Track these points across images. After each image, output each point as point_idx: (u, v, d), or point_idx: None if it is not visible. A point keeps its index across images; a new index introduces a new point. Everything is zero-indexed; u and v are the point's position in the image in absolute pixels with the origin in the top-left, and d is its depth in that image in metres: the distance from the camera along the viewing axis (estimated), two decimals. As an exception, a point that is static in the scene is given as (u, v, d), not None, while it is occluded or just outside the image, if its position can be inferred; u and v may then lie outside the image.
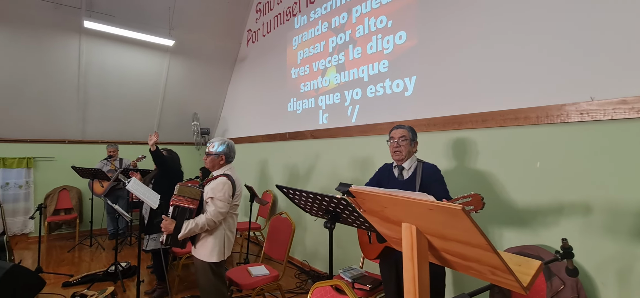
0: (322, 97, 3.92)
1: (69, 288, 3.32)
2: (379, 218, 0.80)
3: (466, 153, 2.44)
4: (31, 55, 4.44)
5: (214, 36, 5.50)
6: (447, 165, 2.53)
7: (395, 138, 1.84)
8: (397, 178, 1.82)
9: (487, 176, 2.28)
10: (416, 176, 1.75)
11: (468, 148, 2.42)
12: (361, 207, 0.81)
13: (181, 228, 2.07)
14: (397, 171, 1.86)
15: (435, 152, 2.61)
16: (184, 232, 2.07)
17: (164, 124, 5.96)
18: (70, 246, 4.71)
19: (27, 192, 4.96)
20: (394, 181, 1.81)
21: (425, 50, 2.80)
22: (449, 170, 2.50)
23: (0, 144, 4.80)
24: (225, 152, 2.32)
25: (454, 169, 2.50)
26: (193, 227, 2.08)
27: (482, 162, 2.33)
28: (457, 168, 2.48)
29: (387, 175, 1.90)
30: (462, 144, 2.47)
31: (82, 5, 4.38)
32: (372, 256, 1.85)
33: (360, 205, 0.81)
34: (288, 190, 1.61)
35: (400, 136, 1.83)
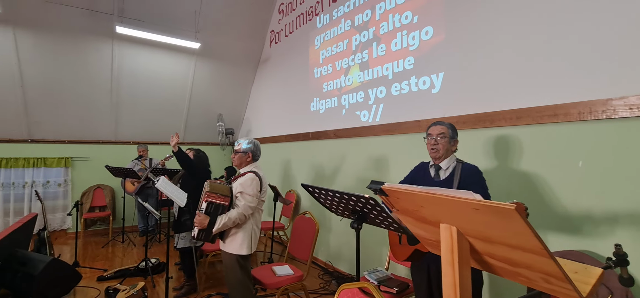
0: (345, 96, 3.88)
1: (103, 282, 3.47)
2: (414, 218, 0.75)
3: (499, 153, 2.31)
4: (69, 61, 4.69)
5: (238, 38, 5.59)
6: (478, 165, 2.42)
7: (433, 135, 1.72)
8: (433, 179, 1.72)
9: (522, 176, 2.16)
10: (454, 177, 1.63)
11: (501, 147, 2.30)
12: (394, 206, 0.77)
13: (215, 224, 2.16)
14: (433, 171, 1.76)
15: (466, 151, 2.49)
16: (218, 226, 2.17)
17: (190, 125, 6.12)
18: (104, 242, 4.94)
19: (66, 190, 5.25)
20: (429, 181, 1.72)
21: (454, 45, 2.69)
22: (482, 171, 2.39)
23: (41, 144, 5.11)
24: (252, 150, 2.43)
25: (485, 170, 2.38)
26: (226, 221, 2.18)
27: (516, 161, 2.20)
28: (490, 168, 2.36)
29: (423, 174, 1.81)
30: (494, 142, 2.35)
31: (114, 11, 4.58)
32: (402, 258, 1.78)
33: (393, 205, 0.77)
34: (313, 189, 1.59)
35: (438, 133, 1.71)
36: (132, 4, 4.62)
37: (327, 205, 1.67)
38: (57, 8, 4.26)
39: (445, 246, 0.65)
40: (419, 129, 2.91)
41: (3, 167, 4.82)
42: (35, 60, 4.49)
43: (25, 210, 4.94)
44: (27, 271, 2.92)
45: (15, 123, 4.81)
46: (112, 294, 2.96)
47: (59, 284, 3.05)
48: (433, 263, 1.72)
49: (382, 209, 1.32)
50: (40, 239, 3.75)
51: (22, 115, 4.80)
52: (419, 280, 1.81)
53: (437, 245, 0.79)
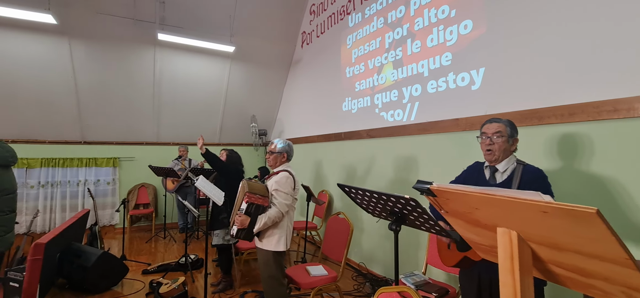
0: (378, 95, 3.80)
1: (147, 275, 3.67)
2: (466, 221, 0.70)
3: (551, 152, 2.14)
4: (116, 68, 5.03)
5: (270, 40, 5.69)
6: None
7: (488, 134, 1.56)
8: (487, 181, 1.58)
9: (581, 177, 1.98)
10: (513, 180, 1.48)
11: (553, 146, 2.13)
12: (443, 208, 0.73)
13: (255, 223, 2.22)
14: (488, 172, 1.61)
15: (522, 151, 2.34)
16: (259, 226, 2.24)
17: (225, 126, 6.33)
18: (147, 237, 5.23)
19: (113, 188, 5.64)
20: (483, 184, 1.59)
21: (496, 37, 2.54)
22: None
23: (92, 146, 5.52)
24: (286, 150, 2.50)
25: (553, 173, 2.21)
26: (266, 220, 2.24)
27: (575, 162, 2.03)
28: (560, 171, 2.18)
29: (477, 176, 1.66)
30: (544, 141, 2.18)
31: (156, 20, 4.84)
32: (450, 263, 1.68)
33: (442, 206, 0.72)
34: (350, 189, 1.55)
35: (494, 132, 1.55)
36: (172, 11, 4.86)
37: (364, 205, 1.63)
38: (106, 19, 4.58)
39: (504, 252, 0.60)
40: (457, 127, 2.78)
41: (60, 167, 5.26)
42: (88, 67, 4.86)
43: (79, 206, 5.36)
44: (81, 263, 3.17)
45: (70, 126, 5.24)
46: (156, 287, 3.11)
47: (109, 276, 3.27)
48: (485, 272, 1.61)
49: (424, 211, 1.26)
50: (92, 233, 4.04)
51: (76, 119, 5.21)
52: (468, 288, 1.71)
53: (491, 251, 0.73)
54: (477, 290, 1.66)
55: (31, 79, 4.65)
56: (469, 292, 1.71)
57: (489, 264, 1.57)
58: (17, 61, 4.49)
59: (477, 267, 1.63)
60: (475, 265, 1.62)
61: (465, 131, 2.70)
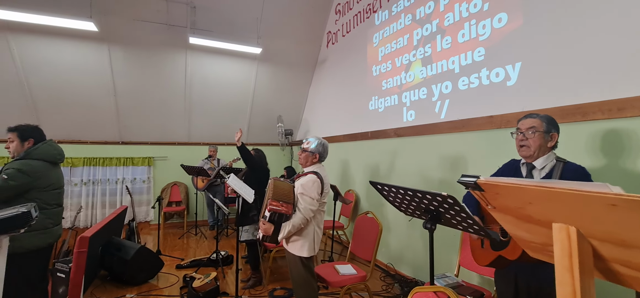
0: (406, 93, 3.74)
1: (180, 270, 3.82)
2: (516, 217, 0.67)
3: (598, 150, 2.01)
4: (150, 71, 5.28)
5: (296, 41, 5.75)
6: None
7: (522, 130, 1.51)
8: (525, 179, 1.51)
9: (628, 175, 1.85)
10: (552, 178, 1.40)
11: (601, 143, 2.00)
12: (490, 203, 0.70)
13: (279, 232, 2.17)
14: (525, 170, 1.55)
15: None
16: (283, 234, 2.17)
17: (252, 127, 6.46)
18: (180, 234, 5.45)
19: (148, 186, 5.91)
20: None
21: (534, 30, 2.42)
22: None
23: (129, 146, 5.82)
24: (319, 151, 2.40)
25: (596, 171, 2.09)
26: (290, 229, 2.17)
27: (616, 159, 1.90)
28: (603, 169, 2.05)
29: (513, 174, 1.60)
30: (589, 138, 2.05)
31: (187, 24, 5.03)
32: (484, 263, 1.63)
33: (489, 201, 0.70)
34: (382, 186, 1.54)
35: (528, 127, 1.49)
36: (202, 16, 5.03)
37: (396, 204, 1.61)
38: (142, 25, 4.82)
39: (561, 250, 0.57)
40: (492, 125, 2.68)
41: (100, 166, 5.59)
42: (125, 72, 5.13)
43: (117, 203, 5.67)
44: (121, 256, 3.35)
45: (109, 127, 5.56)
46: (189, 281, 3.23)
47: (146, 269, 3.43)
48: (522, 273, 1.54)
49: (462, 209, 1.22)
50: (130, 229, 4.27)
51: (114, 121, 5.52)
52: (504, 289, 1.64)
53: (543, 249, 0.70)
54: (515, 291, 1.59)
55: (75, 84, 4.97)
56: (506, 293, 1.64)
57: (526, 266, 1.51)
58: (63, 67, 4.82)
59: (514, 268, 1.56)
60: (511, 266, 1.55)
61: (501, 128, 2.60)
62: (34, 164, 2.10)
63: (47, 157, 2.20)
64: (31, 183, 2.06)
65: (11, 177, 1.98)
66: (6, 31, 4.34)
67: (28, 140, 2.18)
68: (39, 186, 2.11)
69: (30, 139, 2.19)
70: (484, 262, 1.66)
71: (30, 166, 2.07)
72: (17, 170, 2.01)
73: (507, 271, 1.61)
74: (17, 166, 2.03)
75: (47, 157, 2.19)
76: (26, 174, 2.04)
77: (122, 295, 3.13)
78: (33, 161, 2.11)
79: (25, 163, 2.06)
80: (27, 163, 2.07)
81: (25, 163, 2.07)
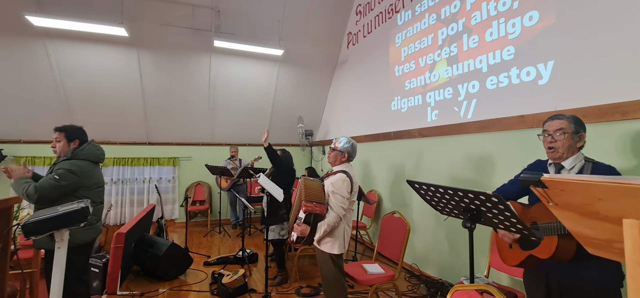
0: (431, 93, 3.73)
1: (207, 266, 3.92)
2: (579, 213, 0.69)
3: (623, 150, 1.97)
4: (177, 74, 5.45)
5: (316, 43, 5.81)
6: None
7: (550, 131, 1.52)
8: (591, 175, 1.51)
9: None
10: None
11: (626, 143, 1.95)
12: (552, 200, 0.72)
13: (316, 232, 2.21)
14: (553, 170, 1.56)
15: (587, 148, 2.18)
16: (319, 234, 2.21)
17: (273, 127, 6.56)
18: (203, 232, 5.59)
19: (174, 186, 6.10)
20: None
21: (567, 28, 2.38)
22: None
23: (155, 146, 6.02)
24: (348, 151, 2.44)
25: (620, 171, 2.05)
26: (326, 228, 2.21)
27: (662, 160, 1.85)
28: (625, 169, 2.01)
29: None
30: (632, 138, 2.00)
31: (211, 28, 5.16)
32: (513, 263, 1.63)
33: (551, 198, 0.71)
34: (420, 185, 1.56)
35: (556, 128, 1.50)
36: (226, 19, 5.15)
37: (433, 203, 1.62)
38: (169, 30, 4.98)
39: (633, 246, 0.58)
40: (523, 124, 2.65)
41: (129, 166, 5.81)
42: (153, 75, 5.32)
43: (144, 201, 5.87)
44: (154, 252, 3.48)
45: (138, 128, 5.76)
46: (218, 278, 3.32)
47: (177, 265, 3.55)
48: (553, 272, 1.54)
49: (507, 207, 1.23)
50: (159, 226, 4.42)
51: (142, 122, 5.72)
52: (534, 290, 1.64)
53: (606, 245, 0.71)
54: (546, 291, 1.57)
55: (106, 87, 5.19)
56: (536, 294, 1.63)
57: (558, 265, 1.49)
58: (95, 71, 5.04)
59: (545, 267, 1.55)
60: (541, 265, 1.54)
61: (532, 128, 2.56)
62: (81, 164, 2.22)
63: (92, 157, 2.32)
64: (79, 183, 2.18)
65: (62, 177, 2.10)
66: (44, 38, 4.58)
67: (74, 141, 2.30)
68: (86, 185, 2.23)
69: (76, 140, 2.31)
70: (513, 262, 1.66)
71: (78, 166, 2.19)
72: (67, 171, 2.13)
73: (538, 270, 1.60)
74: (67, 166, 2.15)
75: (91, 157, 2.32)
76: (75, 174, 2.16)
77: (155, 289, 3.26)
78: (80, 161, 2.23)
79: (73, 164, 2.18)
80: (75, 164, 2.19)
81: (73, 163, 2.19)
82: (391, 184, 4.34)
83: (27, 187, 2.04)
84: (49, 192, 2.07)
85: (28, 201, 2.08)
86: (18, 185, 2.06)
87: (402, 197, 4.07)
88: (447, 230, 3.37)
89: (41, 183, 2.07)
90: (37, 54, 4.66)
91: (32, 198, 2.04)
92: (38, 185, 2.06)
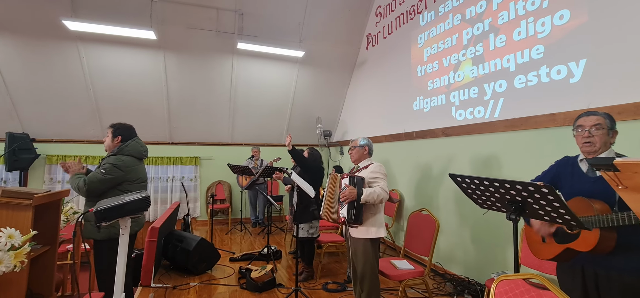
0: (455, 92, 3.75)
1: (233, 263, 4.02)
2: (652, 195, 0.73)
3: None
4: (199, 75, 5.59)
5: (335, 44, 5.88)
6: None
7: (586, 126, 1.55)
8: (586, 175, 1.57)
9: None
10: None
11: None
12: (622, 183, 0.76)
13: (362, 194, 2.33)
14: (585, 166, 1.59)
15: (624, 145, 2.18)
16: (366, 196, 2.32)
17: (291, 128, 6.65)
18: (225, 229, 5.71)
19: (195, 185, 6.24)
20: (582, 178, 1.56)
21: (600, 26, 2.38)
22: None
23: (178, 146, 6.18)
24: (368, 145, 2.65)
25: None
26: (371, 192, 2.33)
27: None
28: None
29: (570, 170, 1.64)
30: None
31: (235, 30, 5.30)
32: (546, 257, 1.64)
33: (621, 181, 0.76)
34: (463, 178, 1.60)
35: (593, 124, 1.53)
36: (249, 22, 5.27)
37: (475, 196, 1.66)
38: (194, 32, 5.13)
39: None
40: (554, 123, 2.65)
41: (153, 165, 5.98)
42: (177, 76, 5.48)
43: (168, 199, 6.02)
44: (184, 247, 3.59)
45: (161, 128, 5.93)
46: (246, 273, 3.40)
47: (206, 259, 3.65)
48: (589, 264, 1.55)
49: (556, 198, 1.26)
50: (185, 223, 4.54)
51: (166, 122, 5.89)
52: (570, 284, 1.64)
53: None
54: (582, 284, 1.58)
55: (133, 88, 5.37)
56: (572, 288, 1.63)
57: (593, 257, 1.50)
58: (124, 73, 5.22)
59: (580, 260, 1.56)
60: (576, 258, 1.55)
61: (564, 126, 2.57)
62: (125, 159, 2.33)
63: (135, 153, 2.44)
64: (123, 177, 2.30)
65: (108, 171, 2.22)
66: (77, 41, 4.78)
67: (117, 137, 2.43)
68: (129, 179, 2.34)
69: (118, 136, 2.44)
70: (547, 256, 1.67)
71: (123, 161, 2.31)
72: (113, 165, 2.25)
73: (572, 264, 1.61)
74: (112, 161, 2.27)
75: (135, 153, 2.43)
76: (119, 169, 2.27)
77: (186, 283, 3.36)
78: (124, 157, 2.35)
79: (118, 159, 2.30)
80: (120, 159, 2.31)
81: (118, 158, 2.31)
82: (413, 183, 4.36)
83: (78, 181, 2.17)
84: (96, 185, 2.19)
85: (79, 194, 2.20)
86: (73, 180, 2.19)
87: (424, 196, 4.10)
88: (472, 230, 3.38)
89: (90, 177, 2.20)
90: (71, 56, 4.87)
91: (82, 191, 2.17)
92: (87, 178, 2.19)
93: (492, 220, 3.11)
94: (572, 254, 1.55)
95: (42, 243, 1.95)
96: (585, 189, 1.52)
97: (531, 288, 1.34)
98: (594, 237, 1.44)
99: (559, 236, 1.60)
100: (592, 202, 1.44)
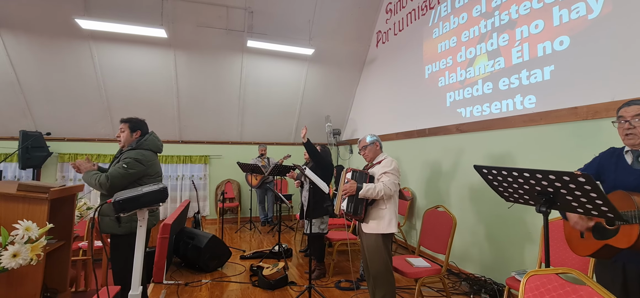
0: (469, 88, 3.68)
1: (244, 260, 3.99)
2: None
3: None
4: (208, 73, 5.59)
5: (345, 42, 5.84)
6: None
7: (627, 117, 1.48)
8: (631, 166, 1.49)
9: None
10: None
11: None
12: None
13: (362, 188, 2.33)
14: (631, 157, 1.52)
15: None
16: (364, 192, 2.32)
17: (300, 126, 6.61)
18: (234, 228, 5.69)
19: (205, 183, 6.24)
20: (626, 170, 1.49)
21: (625, 16, 2.30)
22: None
23: (187, 145, 6.19)
24: (378, 140, 2.65)
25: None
26: (371, 188, 2.32)
27: None
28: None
29: (615, 162, 1.57)
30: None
31: (244, 29, 5.29)
32: (585, 253, 1.57)
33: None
34: (489, 170, 1.54)
35: (634, 114, 1.46)
36: (259, 20, 5.26)
37: (501, 189, 1.60)
38: (204, 31, 5.14)
39: None
40: (575, 116, 2.57)
41: (163, 163, 5.98)
42: (187, 75, 5.48)
43: (177, 198, 6.03)
44: (195, 244, 3.57)
45: (171, 127, 5.95)
46: (257, 270, 3.37)
47: (217, 257, 3.63)
48: (631, 262, 1.48)
49: (594, 188, 1.20)
50: (196, 220, 4.53)
51: (176, 121, 5.90)
52: (609, 281, 1.57)
53: None
54: (623, 281, 1.51)
55: (143, 86, 5.39)
56: (612, 285, 1.56)
57: (635, 254, 1.43)
58: (135, 71, 5.25)
59: (621, 257, 1.49)
60: (617, 255, 1.48)
61: (586, 120, 2.49)
62: (145, 154, 2.31)
63: (154, 148, 2.42)
64: (144, 171, 2.27)
65: (130, 166, 2.19)
66: (90, 40, 4.81)
67: (136, 132, 2.41)
68: (149, 173, 2.31)
69: (138, 131, 2.41)
70: (585, 252, 1.60)
71: (144, 155, 2.28)
72: (134, 160, 2.22)
73: (613, 261, 1.54)
74: (134, 156, 2.24)
75: (153, 148, 2.42)
76: (141, 163, 2.25)
77: (198, 280, 3.34)
78: (145, 151, 2.32)
79: (139, 153, 2.27)
80: (141, 153, 2.28)
81: (139, 152, 2.28)
82: (426, 181, 4.29)
83: (98, 177, 2.13)
84: (119, 180, 2.15)
85: (100, 190, 2.18)
86: (89, 177, 2.16)
87: (438, 194, 4.03)
88: (487, 229, 3.31)
89: (112, 173, 2.17)
90: (83, 55, 4.90)
91: (105, 186, 2.13)
92: (109, 174, 2.16)
93: (507, 218, 3.03)
94: (612, 251, 1.48)
95: (57, 238, 1.93)
96: (629, 182, 1.46)
97: (566, 283, 1.28)
98: (635, 233, 1.37)
99: (597, 231, 1.53)
100: (633, 195, 1.37)
